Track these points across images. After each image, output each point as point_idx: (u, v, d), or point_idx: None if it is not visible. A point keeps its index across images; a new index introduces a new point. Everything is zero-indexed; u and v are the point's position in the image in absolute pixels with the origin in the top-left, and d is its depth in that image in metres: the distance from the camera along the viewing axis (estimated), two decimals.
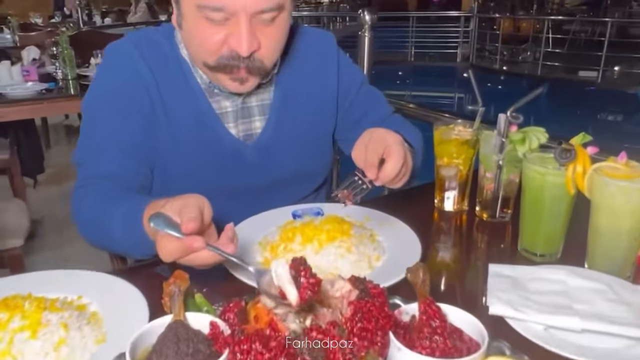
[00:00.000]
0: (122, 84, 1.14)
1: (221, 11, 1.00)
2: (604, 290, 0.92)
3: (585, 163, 0.99)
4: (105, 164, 1.11)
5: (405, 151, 0.98)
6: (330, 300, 0.82)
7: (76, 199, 1.10)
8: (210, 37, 1.04)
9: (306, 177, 1.34)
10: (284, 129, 1.25)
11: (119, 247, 1.06)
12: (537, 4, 13.86)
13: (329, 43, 1.34)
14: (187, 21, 1.07)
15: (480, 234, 1.26)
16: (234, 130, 1.22)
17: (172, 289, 0.80)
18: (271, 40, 1.07)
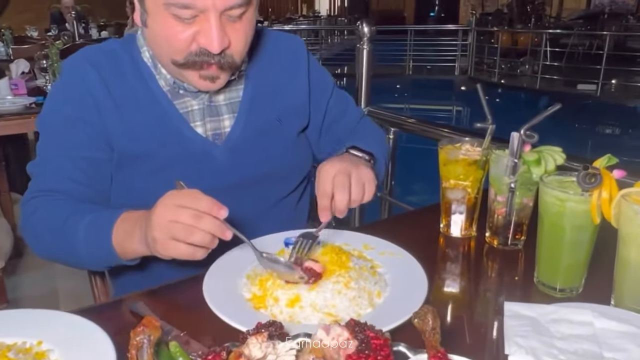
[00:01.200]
0: (69, 99, 1.13)
1: (190, 8, 0.97)
2: (636, 333, 0.81)
3: (611, 188, 0.89)
4: (53, 177, 1.11)
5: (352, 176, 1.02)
6: (325, 351, 0.71)
7: (26, 212, 1.10)
8: (179, 35, 1.00)
9: (280, 177, 1.28)
10: (254, 127, 1.21)
11: (76, 258, 1.06)
12: (535, 18, 13.87)
13: (299, 46, 1.33)
14: (153, 19, 1.03)
15: (491, 262, 1.15)
16: (201, 129, 1.18)
17: (140, 339, 0.69)
18: (240, 36, 1.05)
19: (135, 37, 1.18)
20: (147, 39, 1.11)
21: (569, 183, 0.96)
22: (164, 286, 1.03)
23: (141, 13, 1.05)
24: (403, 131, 2.23)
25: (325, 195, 1.01)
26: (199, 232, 0.85)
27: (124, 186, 1.16)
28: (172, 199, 0.87)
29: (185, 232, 0.85)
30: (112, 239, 0.97)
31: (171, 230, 0.86)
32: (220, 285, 0.95)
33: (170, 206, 0.86)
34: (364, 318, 0.78)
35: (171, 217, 0.85)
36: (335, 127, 1.36)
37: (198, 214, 0.85)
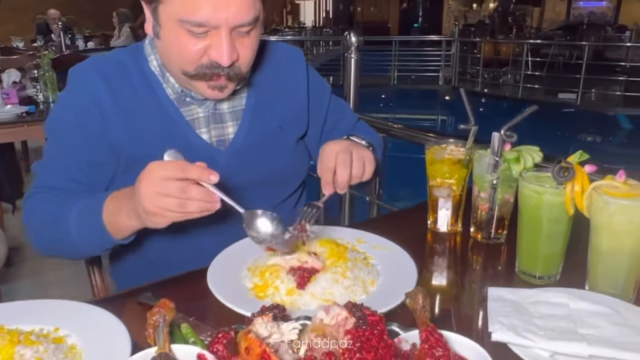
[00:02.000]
0: (75, 108, 1.17)
1: (203, 26, 1.03)
2: (609, 313, 0.88)
3: (583, 182, 0.97)
4: (55, 175, 1.16)
5: (352, 154, 1.10)
6: (325, 329, 0.77)
7: (28, 208, 1.15)
8: (191, 48, 1.06)
9: (279, 181, 1.34)
10: (257, 134, 1.27)
11: (72, 245, 1.09)
12: (516, 28, 14.17)
13: (298, 57, 1.40)
14: (165, 32, 1.08)
15: (476, 255, 1.23)
16: (206, 135, 1.23)
17: (156, 319, 0.75)
18: (248, 50, 1.11)
19: (142, 47, 1.23)
20: (158, 50, 1.16)
21: (546, 178, 1.04)
22: (169, 279, 1.09)
23: (153, 25, 1.10)
24: (390, 137, 2.31)
25: (328, 170, 1.08)
26: (190, 202, 0.90)
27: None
28: (157, 172, 0.90)
29: (176, 206, 0.89)
30: (103, 218, 1.02)
31: (162, 203, 0.89)
32: (223, 276, 1.01)
33: (157, 179, 0.89)
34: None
35: (159, 189, 0.89)
36: (333, 131, 1.43)
37: (185, 185, 0.89)
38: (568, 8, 24.99)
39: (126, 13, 9.40)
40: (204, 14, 1.01)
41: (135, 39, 9.14)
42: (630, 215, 0.91)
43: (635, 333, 0.83)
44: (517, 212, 1.09)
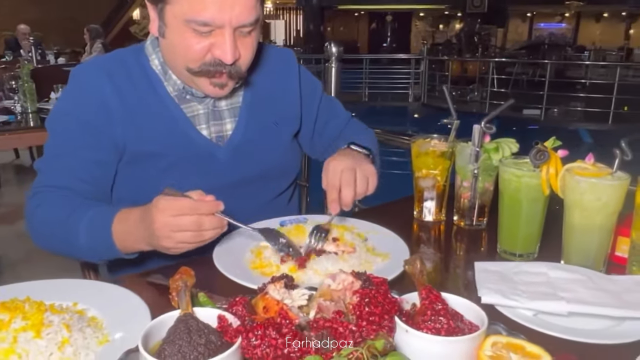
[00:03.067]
0: (80, 105, 1.21)
1: (208, 25, 1.09)
2: (584, 280, 0.98)
3: (557, 165, 1.08)
4: (59, 174, 1.18)
5: (357, 172, 1.16)
6: (333, 294, 0.85)
7: (32, 205, 1.18)
8: (195, 46, 1.12)
9: (274, 176, 1.40)
10: (253, 130, 1.32)
11: (78, 251, 1.14)
12: (482, 48, 14.66)
13: (290, 57, 1.47)
14: (171, 31, 1.14)
15: (460, 241, 1.32)
16: (206, 131, 1.28)
17: (179, 284, 0.81)
18: (249, 49, 1.18)
19: (143, 47, 1.28)
20: (163, 48, 1.22)
21: (523, 163, 1.14)
22: (177, 264, 1.13)
23: (159, 25, 1.16)
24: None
25: (334, 188, 1.14)
26: (205, 233, 0.98)
27: (133, 181, 1.25)
28: (170, 212, 0.96)
29: (194, 238, 0.98)
30: (113, 235, 1.06)
31: (179, 239, 0.98)
32: (229, 259, 1.07)
33: (170, 220, 0.96)
34: None
35: (175, 228, 0.96)
36: (326, 129, 1.50)
37: (198, 219, 0.96)
38: (530, 29, 25.98)
39: (97, 29, 9.37)
40: (209, 14, 1.07)
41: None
42: (599, 193, 1.02)
43: (607, 295, 0.93)
44: (498, 198, 1.19)
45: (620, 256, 1.11)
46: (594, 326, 0.87)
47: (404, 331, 0.75)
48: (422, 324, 0.76)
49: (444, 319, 0.76)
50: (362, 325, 0.75)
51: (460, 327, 0.77)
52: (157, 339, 0.74)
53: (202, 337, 0.71)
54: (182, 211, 0.96)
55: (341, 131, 1.50)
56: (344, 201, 1.14)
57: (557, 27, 26.07)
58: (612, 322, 0.87)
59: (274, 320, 0.74)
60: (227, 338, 0.74)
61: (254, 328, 0.72)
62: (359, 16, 25.79)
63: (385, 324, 0.76)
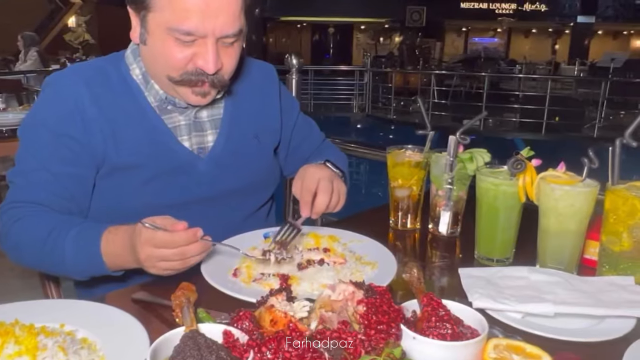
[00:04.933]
0: (57, 115, 1.16)
1: (191, 35, 1.08)
2: (561, 282, 1.04)
3: (532, 174, 1.13)
4: (36, 190, 1.14)
5: (333, 184, 1.18)
6: (334, 305, 0.85)
7: (7, 221, 1.13)
8: (177, 55, 1.11)
9: (255, 189, 1.39)
10: (234, 142, 1.31)
11: (62, 269, 1.11)
12: (423, 60, 15.14)
13: (271, 72, 1.48)
14: (153, 39, 1.13)
15: (436, 248, 1.36)
16: (187, 143, 1.26)
17: (181, 300, 0.79)
18: (231, 59, 1.17)
19: (122, 55, 1.25)
20: (144, 56, 1.19)
21: (499, 172, 1.20)
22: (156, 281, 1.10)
23: (141, 32, 1.14)
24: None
25: (309, 192, 1.15)
26: (191, 260, 0.98)
27: (112, 193, 1.21)
28: (151, 243, 0.96)
29: (180, 265, 0.98)
30: (103, 257, 1.05)
31: (166, 267, 0.98)
32: (219, 272, 1.05)
33: (153, 249, 0.96)
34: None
35: (160, 258, 0.97)
36: (300, 148, 1.51)
37: (182, 250, 0.96)
38: (465, 43, 27.10)
39: (32, 37, 8.96)
40: (193, 24, 1.06)
41: (43, 63, 8.71)
42: (572, 200, 1.08)
43: (585, 295, 0.98)
44: (475, 206, 1.24)
45: (589, 258, 1.18)
46: (578, 325, 0.92)
47: (410, 338, 0.77)
48: (427, 330, 0.78)
49: (449, 325, 0.78)
50: (370, 334, 0.76)
51: (463, 331, 0.79)
52: (164, 357, 0.72)
53: (212, 354, 0.70)
54: (164, 245, 0.95)
55: (316, 150, 1.52)
56: (318, 207, 1.15)
57: (491, 41, 27.36)
58: (593, 321, 0.92)
59: (285, 333, 0.74)
60: (236, 353, 0.73)
61: (267, 342, 0.71)
62: (301, 27, 26.00)
63: (392, 332, 0.77)
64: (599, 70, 13.08)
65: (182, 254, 0.96)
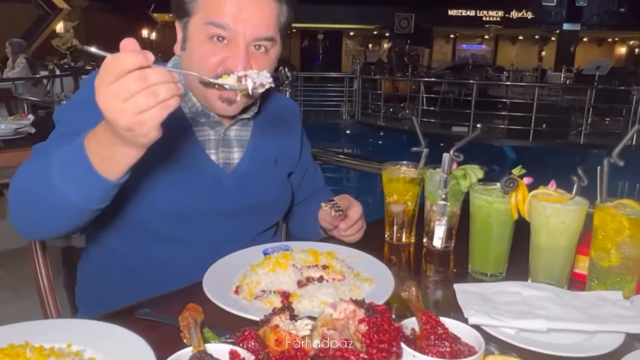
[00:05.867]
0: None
1: (225, 29, 1.16)
2: (553, 297, 1.07)
3: (524, 191, 1.17)
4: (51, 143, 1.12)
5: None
6: (335, 323, 0.88)
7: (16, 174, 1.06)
8: (210, 57, 1.18)
9: (270, 208, 1.46)
10: (257, 163, 1.39)
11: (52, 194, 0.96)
12: (412, 67, 15.27)
13: (295, 110, 1.61)
14: (191, 42, 1.21)
15: (431, 262, 1.39)
16: (214, 157, 1.33)
17: (189, 321, 0.81)
18: (261, 68, 1.14)
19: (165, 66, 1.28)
20: (182, 64, 1.26)
21: (492, 190, 1.23)
22: (159, 297, 1.12)
23: (182, 40, 1.23)
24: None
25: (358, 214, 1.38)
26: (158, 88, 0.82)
27: (136, 195, 1.23)
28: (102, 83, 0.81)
29: (147, 97, 0.81)
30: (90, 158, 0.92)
31: (133, 105, 0.81)
32: (220, 289, 1.08)
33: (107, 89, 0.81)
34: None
35: (121, 94, 0.80)
36: (310, 182, 1.63)
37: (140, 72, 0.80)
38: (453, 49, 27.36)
39: (21, 43, 8.94)
40: (226, 17, 1.15)
41: (31, 70, 8.68)
42: (563, 217, 1.12)
43: (576, 310, 1.02)
44: (468, 223, 1.27)
45: (579, 273, 1.21)
46: (570, 340, 0.95)
47: (411, 356, 0.79)
48: (426, 348, 0.81)
49: (447, 343, 0.81)
50: (372, 352, 0.79)
51: (461, 349, 0.82)
52: None
53: None
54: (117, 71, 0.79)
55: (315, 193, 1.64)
56: (351, 216, 1.36)
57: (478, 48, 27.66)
58: (584, 336, 0.96)
59: (291, 353, 0.76)
60: None
61: None
62: (291, 34, 26.07)
63: (393, 350, 0.80)
64: (584, 77, 13.28)
65: (143, 78, 0.80)
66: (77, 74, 11.53)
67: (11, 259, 3.52)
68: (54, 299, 1.49)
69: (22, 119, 3.48)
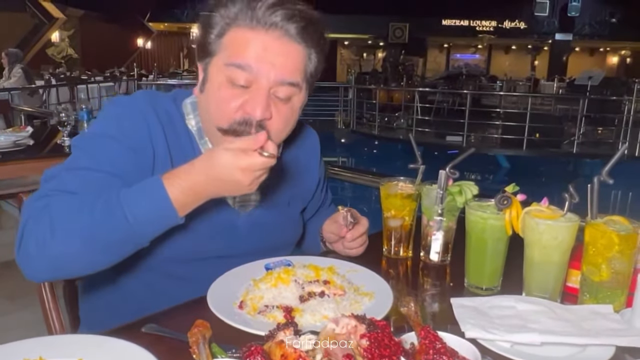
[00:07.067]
0: (129, 128, 1.16)
1: (245, 71, 1.10)
2: (546, 311, 1.11)
3: (517, 208, 1.21)
4: (81, 182, 1.07)
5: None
6: (337, 338, 0.91)
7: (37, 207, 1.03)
8: (229, 101, 1.13)
9: (282, 247, 1.44)
10: (270, 206, 1.37)
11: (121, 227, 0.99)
12: (406, 77, 15.39)
13: (315, 139, 1.55)
14: (210, 84, 1.16)
15: (428, 276, 1.43)
16: (231, 200, 1.31)
17: (198, 337, 0.84)
18: (282, 117, 1.17)
19: (181, 101, 1.28)
20: (200, 107, 1.23)
21: (487, 206, 1.27)
22: (165, 311, 1.15)
23: (201, 82, 1.19)
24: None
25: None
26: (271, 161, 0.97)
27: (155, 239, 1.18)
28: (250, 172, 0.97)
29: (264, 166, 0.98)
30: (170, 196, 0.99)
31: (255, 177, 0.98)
32: (223, 304, 1.11)
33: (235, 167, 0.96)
34: None
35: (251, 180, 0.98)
36: (318, 201, 1.61)
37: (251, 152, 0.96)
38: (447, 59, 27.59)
39: (17, 53, 8.95)
40: (249, 58, 1.10)
41: (27, 80, 8.69)
42: (555, 233, 1.16)
43: (568, 324, 1.06)
44: (464, 237, 1.31)
45: (571, 286, 1.25)
46: (563, 353, 0.99)
47: None
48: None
49: (445, 357, 0.85)
50: None
51: None
52: None
53: None
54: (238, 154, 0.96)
55: (318, 209, 1.63)
56: (358, 229, 1.38)
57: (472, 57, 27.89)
58: (577, 349, 1.00)
59: None
60: None
61: None
62: None
63: None
64: (577, 87, 13.43)
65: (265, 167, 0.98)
66: (73, 83, 11.57)
67: (8, 271, 3.53)
68: (57, 312, 1.51)
69: (21, 131, 3.48)
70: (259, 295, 1.13)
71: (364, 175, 2.38)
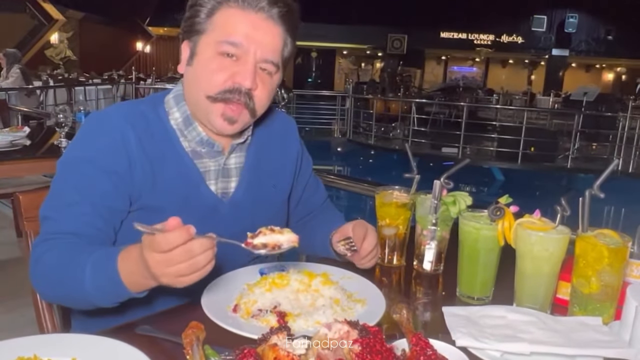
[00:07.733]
0: (104, 151, 1.21)
1: (236, 47, 1.20)
2: (535, 321, 1.12)
3: (510, 219, 1.23)
4: (72, 221, 1.16)
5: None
6: (330, 342, 0.92)
7: (37, 252, 1.15)
8: (219, 72, 1.22)
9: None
10: (253, 190, 1.40)
11: (83, 295, 1.08)
12: (404, 88, 15.48)
13: (294, 127, 1.59)
14: (199, 57, 1.24)
15: (421, 285, 1.44)
16: (214, 187, 1.35)
17: (192, 338, 0.85)
18: (266, 88, 1.27)
19: (162, 100, 1.33)
20: (187, 80, 1.28)
21: (480, 217, 1.29)
22: (158, 313, 1.16)
23: (190, 56, 1.25)
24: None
25: (360, 235, 1.34)
26: (199, 259, 0.94)
27: (135, 233, 1.20)
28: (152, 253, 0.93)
29: (189, 269, 0.94)
30: (121, 276, 1.02)
31: (174, 271, 0.94)
32: (217, 307, 1.12)
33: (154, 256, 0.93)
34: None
35: (167, 264, 0.93)
36: (309, 201, 1.62)
37: (186, 247, 0.92)
38: (445, 71, 27.77)
39: (15, 54, 8.95)
40: (239, 37, 1.20)
41: (25, 80, 8.68)
42: (546, 245, 1.18)
43: (558, 335, 1.07)
44: (457, 246, 1.33)
45: (561, 298, 1.27)
46: None
47: None
48: None
49: None
50: None
51: None
52: None
53: None
54: (162, 247, 0.92)
55: (320, 207, 1.64)
56: (367, 244, 1.34)
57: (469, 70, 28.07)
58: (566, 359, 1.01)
59: None
60: None
61: None
62: None
63: None
64: (572, 102, 13.54)
65: (185, 253, 0.92)
66: (71, 85, 11.58)
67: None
68: (50, 314, 1.51)
69: (18, 130, 3.49)
70: (253, 300, 1.14)
71: (359, 183, 2.39)
